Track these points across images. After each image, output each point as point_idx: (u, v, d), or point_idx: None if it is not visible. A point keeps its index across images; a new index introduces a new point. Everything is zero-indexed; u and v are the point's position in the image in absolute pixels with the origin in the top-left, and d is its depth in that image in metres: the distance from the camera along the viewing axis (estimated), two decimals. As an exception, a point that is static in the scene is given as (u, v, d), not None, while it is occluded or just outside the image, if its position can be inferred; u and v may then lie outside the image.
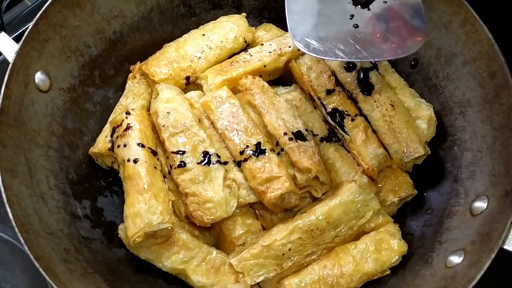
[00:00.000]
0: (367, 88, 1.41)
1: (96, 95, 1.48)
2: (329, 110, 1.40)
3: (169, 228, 1.21)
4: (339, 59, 1.23)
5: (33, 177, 1.24)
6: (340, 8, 1.11)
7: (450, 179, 1.39)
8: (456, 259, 1.21)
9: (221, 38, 1.48)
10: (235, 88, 1.41)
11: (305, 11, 1.11)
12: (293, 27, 1.09)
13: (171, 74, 1.41)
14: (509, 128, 1.24)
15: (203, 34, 1.49)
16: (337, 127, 1.39)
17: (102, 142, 1.39)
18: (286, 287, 1.24)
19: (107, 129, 1.41)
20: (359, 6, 1.10)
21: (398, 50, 1.12)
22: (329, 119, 1.40)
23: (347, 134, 1.38)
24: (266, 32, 1.58)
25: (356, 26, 1.10)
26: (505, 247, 1.12)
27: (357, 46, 1.09)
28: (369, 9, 1.11)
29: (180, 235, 1.28)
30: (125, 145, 1.28)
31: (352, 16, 1.10)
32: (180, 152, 1.28)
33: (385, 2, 1.10)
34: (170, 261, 1.26)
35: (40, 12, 1.27)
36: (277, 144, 1.32)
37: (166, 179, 1.30)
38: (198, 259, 1.27)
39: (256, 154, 1.28)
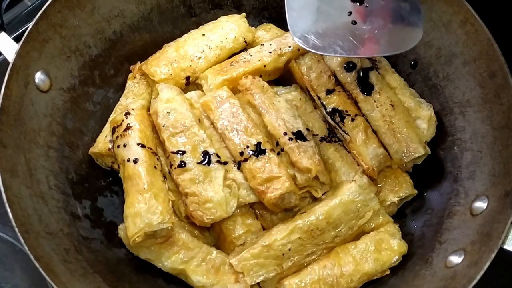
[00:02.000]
0: (367, 88, 1.41)
1: (96, 95, 1.48)
2: (329, 110, 1.40)
3: (169, 228, 1.21)
4: (338, 55, 1.24)
5: (33, 177, 1.24)
6: (339, 5, 1.13)
7: (450, 179, 1.39)
8: (456, 259, 1.21)
9: (221, 38, 1.48)
10: (235, 88, 1.41)
11: (304, 8, 1.13)
12: (292, 24, 1.11)
13: (171, 74, 1.41)
14: (509, 128, 1.24)
15: (203, 34, 1.49)
16: (337, 127, 1.39)
17: (102, 142, 1.39)
18: (286, 287, 1.24)
19: (107, 129, 1.41)
20: (357, 3, 1.12)
21: (395, 46, 1.14)
22: (329, 119, 1.40)
23: (347, 134, 1.38)
24: (266, 32, 1.58)
25: (354, 22, 1.11)
26: (505, 247, 1.12)
27: (355, 42, 1.11)
28: (366, 6, 1.12)
29: (180, 235, 1.28)
30: (125, 145, 1.28)
31: (350, 12, 1.12)
32: (180, 152, 1.28)
33: None
34: (170, 261, 1.26)
35: (40, 12, 1.27)
36: (277, 144, 1.32)
37: (166, 179, 1.30)
38: (198, 259, 1.27)
39: (256, 154, 1.28)
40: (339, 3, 1.12)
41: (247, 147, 1.29)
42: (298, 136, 1.32)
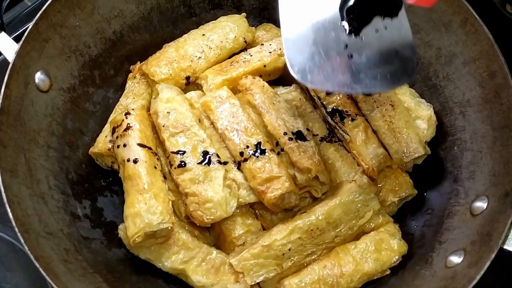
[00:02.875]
0: (367, 88, 1.41)
1: (96, 95, 1.48)
2: (329, 110, 1.40)
3: (169, 228, 1.21)
4: (336, 91, 1.21)
5: (33, 177, 1.24)
6: (335, 37, 1.07)
7: (450, 179, 1.39)
8: (456, 259, 1.21)
9: (221, 38, 1.48)
10: (235, 88, 1.41)
11: (300, 39, 1.07)
12: (290, 57, 1.06)
13: (171, 74, 1.41)
14: (509, 128, 1.24)
15: (203, 34, 1.49)
16: (337, 127, 1.39)
17: (102, 142, 1.39)
18: (286, 287, 1.24)
19: (107, 129, 1.41)
20: (352, 35, 1.09)
21: (391, 81, 1.11)
22: (329, 119, 1.40)
23: (347, 134, 1.38)
24: (266, 32, 1.58)
25: (351, 56, 1.08)
26: (505, 247, 1.12)
27: (352, 78, 1.08)
28: (362, 39, 1.09)
29: (180, 235, 1.28)
30: (125, 145, 1.28)
31: (346, 45, 1.09)
32: (180, 152, 1.28)
33: (377, 31, 1.10)
34: (170, 261, 1.26)
35: (40, 12, 1.27)
36: (277, 144, 1.32)
37: (166, 179, 1.30)
38: (198, 259, 1.27)
39: (256, 154, 1.28)
40: (335, 35, 1.08)
41: (247, 147, 1.29)
42: (298, 136, 1.32)
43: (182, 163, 1.27)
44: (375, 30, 1.09)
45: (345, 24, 1.08)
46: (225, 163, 1.31)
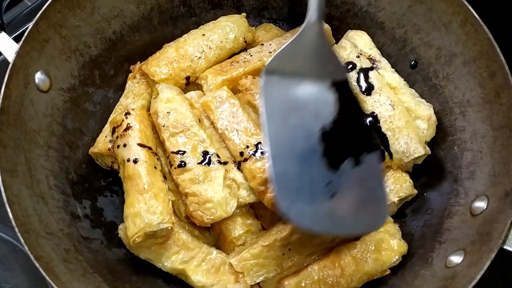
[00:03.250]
0: (367, 88, 1.41)
1: (96, 95, 1.48)
2: (329, 110, 1.40)
3: (169, 228, 1.21)
4: (320, 232, 1.20)
5: (33, 177, 1.24)
6: (318, 172, 1.10)
7: (450, 179, 1.39)
8: (456, 259, 1.21)
9: (221, 38, 1.49)
10: (235, 88, 1.41)
11: (288, 175, 1.08)
12: (279, 195, 1.05)
13: (171, 74, 1.41)
14: (509, 128, 1.24)
15: (203, 34, 1.49)
16: (337, 127, 1.39)
17: (102, 142, 1.39)
18: (286, 287, 1.24)
19: (107, 129, 1.41)
20: (334, 169, 1.10)
21: (370, 224, 1.13)
22: (329, 120, 1.40)
23: (347, 135, 1.38)
24: (266, 32, 1.58)
25: (333, 195, 1.09)
26: (505, 247, 1.12)
27: (334, 219, 1.09)
28: (340, 176, 1.10)
29: (180, 235, 1.28)
30: (125, 145, 1.28)
31: (329, 182, 1.09)
32: (180, 152, 1.28)
33: (353, 168, 1.11)
34: (170, 261, 1.26)
35: (40, 12, 1.27)
36: (277, 144, 1.32)
37: (166, 179, 1.30)
38: (198, 259, 1.27)
39: (256, 154, 1.28)
40: (318, 169, 1.10)
41: (247, 147, 1.29)
42: (298, 136, 1.32)
43: (182, 163, 1.27)
44: (352, 166, 1.11)
45: (324, 157, 1.10)
46: (225, 163, 1.31)
